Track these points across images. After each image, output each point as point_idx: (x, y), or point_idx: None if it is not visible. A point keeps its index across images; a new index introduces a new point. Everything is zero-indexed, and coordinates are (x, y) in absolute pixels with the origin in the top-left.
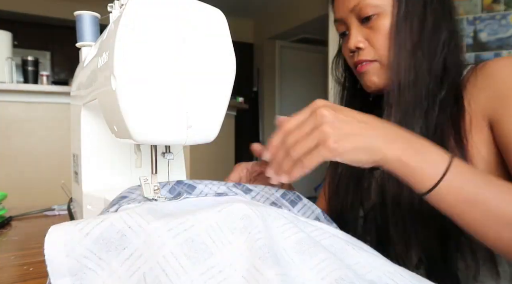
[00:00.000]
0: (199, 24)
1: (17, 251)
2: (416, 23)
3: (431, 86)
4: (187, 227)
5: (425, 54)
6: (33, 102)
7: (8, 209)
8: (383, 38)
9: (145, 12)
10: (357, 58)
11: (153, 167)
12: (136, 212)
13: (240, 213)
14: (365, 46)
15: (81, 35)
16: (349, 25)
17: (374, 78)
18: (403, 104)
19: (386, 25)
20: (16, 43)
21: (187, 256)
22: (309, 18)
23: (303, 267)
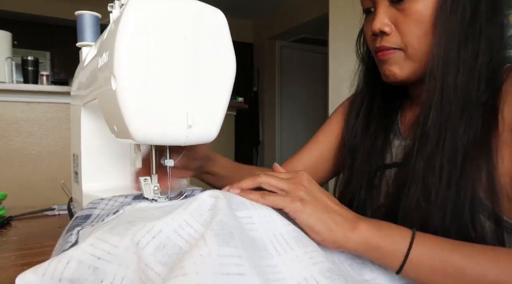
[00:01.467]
0: (199, 24)
1: (17, 251)
2: (469, 12)
3: (479, 89)
4: (155, 234)
5: (475, 51)
6: (33, 102)
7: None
8: (414, 24)
9: (145, 12)
10: (380, 43)
11: (153, 167)
12: (98, 238)
13: (207, 205)
14: (390, 31)
15: (81, 35)
16: (376, 2)
17: (395, 68)
18: (447, 108)
19: (422, 10)
20: (16, 43)
21: (162, 263)
22: (309, 18)
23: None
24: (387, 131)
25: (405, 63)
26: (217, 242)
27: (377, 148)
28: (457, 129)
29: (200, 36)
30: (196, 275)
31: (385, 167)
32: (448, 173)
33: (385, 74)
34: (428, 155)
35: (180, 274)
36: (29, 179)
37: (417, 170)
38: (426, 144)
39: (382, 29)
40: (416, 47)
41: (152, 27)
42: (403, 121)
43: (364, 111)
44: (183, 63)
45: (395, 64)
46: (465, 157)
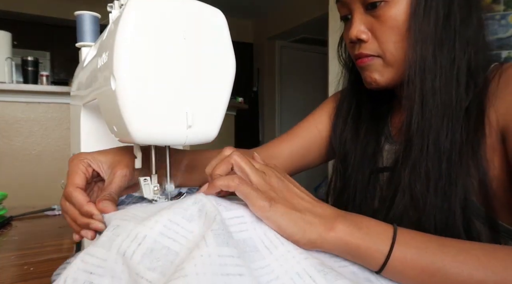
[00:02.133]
0: (199, 24)
1: (17, 251)
2: (442, 14)
3: (458, 92)
4: (141, 240)
5: (451, 53)
6: (33, 102)
7: (8, 209)
8: (390, 31)
9: (145, 12)
10: (358, 50)
11: (153, 167)
12: (88, 252)
13: (191, 200)
14: (367, 38)
15: (81, 35)
16: (352, 10)
17: (375, 75)
18: (427, 113)
19: (396, 16)
20: (16, 43)
21: (151, 269)
22: (309, 18)
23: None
24: (378, 135)
25: (384, 69)
26: (217, 243)
27: (368, 153)
28: (439, 134)
29: (200, 36)
30: (197, 276)
31: (377, 171)
32: (434, 180)
33: (366, 80)
34: (413, 162)
35: (180, 276)
36: (29, 179)
37: (403, 177)
38: (410, 150)
39: (359, 36)
40: (394, 53)
41: (152, 27)
42: (394, 124)
43: (352, 117)
44: (183, 63)
45: (375, 71)
46: (450, 163)
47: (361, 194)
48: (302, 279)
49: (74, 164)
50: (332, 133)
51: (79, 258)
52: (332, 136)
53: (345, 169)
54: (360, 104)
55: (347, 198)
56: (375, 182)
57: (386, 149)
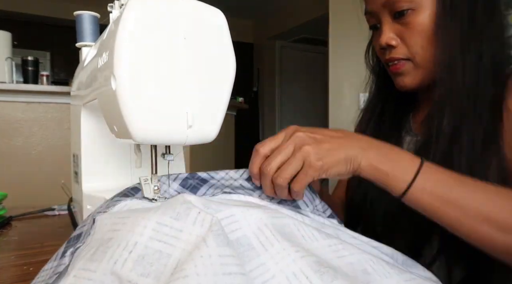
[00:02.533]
0: (199, 24)
1: (17, 251)
2: (467, 16)
3: (486, 85)
4: (131, 248)
5: (477, 52)
6: (33, 102)
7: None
8: (418, 35)
9: (145, 12)
10: (389, 55)
11: (153, 167)
12: (81, 268)
13: (178, 200)
14: (397, 44)
15: (81, 35)
16: (380, 20)
17: (407, 79)
18: (458, 109)
19: (423, 21)
20: (16, 43)
21: (144, 275)
22: (309, 18)
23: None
24: (399, 130)
25: (415, 71)
26: (217, 243)
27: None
28: (471, 125)
29: (200, 36)
30: (197, 277)
31: None
32: (467, 167)
33: (399, 84)
34: (444, 152)
35: (181, 277)
36: (29, 179)
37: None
38: (440, 141)
39: (389, 42)
40: (422, 56)
41: (152, 27)
42: (415, 119)
43: (376, 119)
44: (183, 63)
45: (407, 74)
46: (479, 151)
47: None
48: (298, 280)
49: None
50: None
51: (71, 275)
52: (357, 130)
53: None
54: (385, 105)
55: (366, 187)
56: None
57: (407, 140)
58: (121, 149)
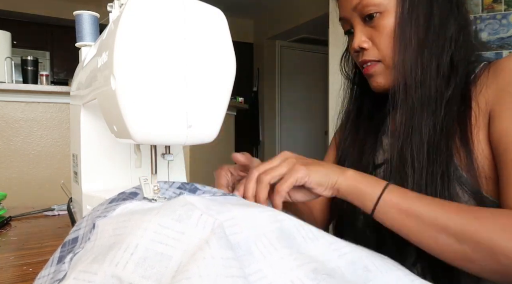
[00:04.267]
0: (199, 24)
1: (17, 251)
2: (422, 19)
3: (439, 85)
4: (133, 250)
5: (432, 52)
6: (33, 102)
7: (8, 209)
8: (386, 38)
9: (145, 12)
10: (362, 58)
11: (153, 167)
12: (81, 270)
13: (180, 202)
14: (368, 46)
15: (81, 35)
16: (353, 24)
17: (380, 79)
18: (410, 104)
19: (389, 24)
20: (16, 43)
21: (146, 277)
22: (309, 18)
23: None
24: (376, 132)
25: (386, 72)
26: (220, 245)
27: (366, 149)
28: (421, 122)
29: (200, 36)
30: (200, 278)
31: (376, 167)
32: (419, 162)
33: (373, 85)
34: (399, 149)
35: (184, 278)
36: (29, 179)
37: (393, 164)
38: (398, 139)
39: (361, 45)
40: (391, 57)
41: (152, 26)
42: (393, 121)
43: (352, 120)
44: (183, 63)
45: (379, 75)
46: (432, 146)
47: None
48: None
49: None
50: (337, 135)
51: (71, 277)
52: (337, 139)
53: (344, 165)
54: (360, 109)
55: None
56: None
57: (385, 143)
58: (121, 149)
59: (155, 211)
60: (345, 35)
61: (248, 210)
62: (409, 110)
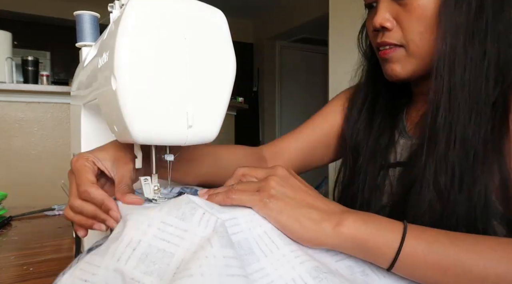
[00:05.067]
0: (199, 24)
1: (17, 251)
2: (475, 7)
3: (487, 87)
4: (135, 245)
5: (483, 47)
6: (33, 102)
7: (8, 209)
8: (417, 20)
9: (146, 13)
10: (381, 39)
11: (153, 167)
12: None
13: (183, 200)
14: (392, 27)
15: (81, 35)
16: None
17: (397, 67)
18: (455, 107)
19: (424, 4)
20: (16, 43)
21: (148, 273)
22: (309, 18)
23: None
24: (392, 129)
25: (406, 60)
26: (221, 244)
27: (381, 146)
28: (467, 129)
29: (200, 36)
30: (202, 277)
31: (389, 166)
32: (459, 175)
33: (387, 72)
34: (439, 156)
35: (186, 276)
36: (29, 179)
37: (428, 171)
38: (436, 144)
39: (383, 24)
40: (418, 44)
41: (152, 27)
42: (409, 119)
43: (367, 108)
44: (183, 63)
45: (396, 62)
46: (476, 159)
47: (370, 187)
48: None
49: (80, 164)
50: (345, 123)
51: (78, 267)
52: (345, 126)
53: (355, 160)
54: (377, 95)
55: (356, 190)
56: (385, 176)
57: (401, 143)
58: None
59: (159, 207)
60: (365, 9)
61: (248, 210)
62: (453, 112)
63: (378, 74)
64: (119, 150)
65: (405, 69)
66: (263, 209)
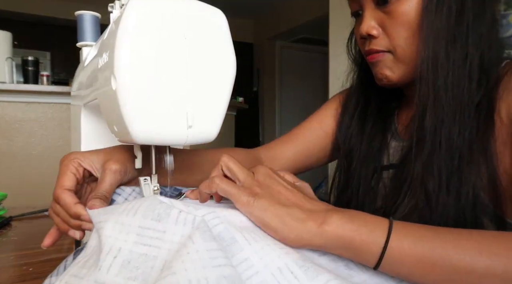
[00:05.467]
0: (199, 24)
1: (17, 251)
2: (455, 10)
3: (472, 88)
4: (116, 253)
5: (465, 49)
6: (33, 102)
7: (8, 209)
8: (401, 26)
9: (146, 13)
10: (368, 46)
11: (153, 167)
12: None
13: (156, 201)
14: (378, 34)
15: (82, 35)
16: (362, 6)
17: (386, 71)
18: (440, 110)
19: (407, 11)
20: (16, 43)
21: (132, 278)
22: (309, 18)
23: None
24: (384, 131)
25: (395, 65)
26: (204, 239)
27: (373, 149)
28: (452, 131)
29: (200, 36)
30: (186, 272)
31: (382, 168)
32: (446, 177)
33: (377, 77)
34: (426, 159)
35: (169, 274)
36: (29, 179)
37: (416, 174)
38: (423, 147)
39: (370, 32)
40: (405, 49)
41: (153, 27)
42: (400, 121)
43: (359, 112)
44: (183, 63)
45: (385, 67)
46: (461, 160)
47: (364, 190)
48: (283, 275)
49: (64, 165)
50: (338, 129)
51: (63, 281)
52: (338, 132)
53: (349, 164)
54: (368, 100)
55: (350, 194)
56: (379, 179)
57: (393, 146)
58: None
59: (133, 211)
60: (351, 17)
61: (226, 206)
62: (438, 115)
63: (369, 79)
64: (110, 152)
65: (395, 74)
66: (246, 207)
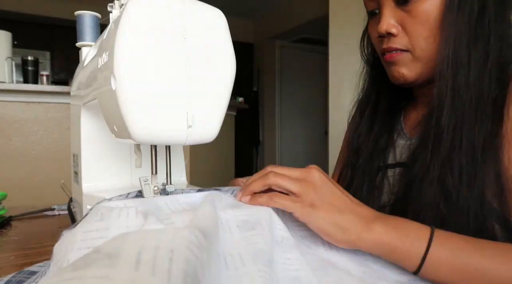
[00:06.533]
0: (199, 24)
1: (17, 251)
2: (477, 9)
3: (490, 86)
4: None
5: (486, 49)
6: (33, 102)
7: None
8: (421, 25)
9: (145, 12)
10: (387, 44)
11: (153, 167)
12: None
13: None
14: (397, 32)
15: (81, 35)
16: (381, 4)
17: (404, 70)
18: (460, 107)
19: (430, 10)
20: (16, 43)
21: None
22: (309, 18)
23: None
24: (391, 131)
25: (413, 64)
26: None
27: (379, 147)
28: (473, 129)
29: (200, 36)
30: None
31: (387, 166)
32: (467, 173)
33: (394, 75)
34: (445, 155)
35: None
36: (29, 179)
37: (432, 171)
38: (440, 144)
39: (389, 30)
40: (424, 48)
41: (152, 27)
42: (406, 121)
43: (369, 112)
44: (183, 63)
45: (403, 65)
46: (483, 157)
47: (368, 187)
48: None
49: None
50: (349, 126)
51: None
52: (349, 130)
53: (356, 161)
54: (378, 100)
55: (355, 189)
56: (383, 177)
57: (400, 144)
58: (121, 149)
59: (80, 222)
60: (367, 15)
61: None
62: (458, 112)
63: (381, 79)
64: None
65: (412, 72)
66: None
